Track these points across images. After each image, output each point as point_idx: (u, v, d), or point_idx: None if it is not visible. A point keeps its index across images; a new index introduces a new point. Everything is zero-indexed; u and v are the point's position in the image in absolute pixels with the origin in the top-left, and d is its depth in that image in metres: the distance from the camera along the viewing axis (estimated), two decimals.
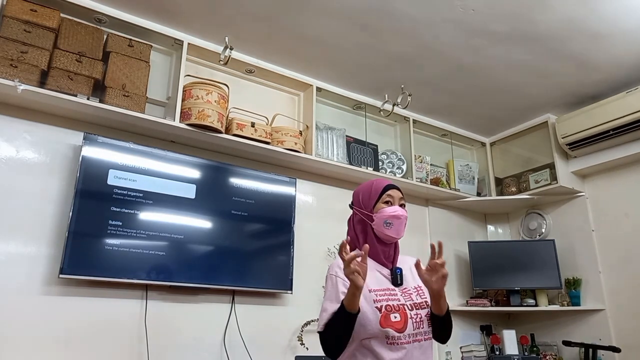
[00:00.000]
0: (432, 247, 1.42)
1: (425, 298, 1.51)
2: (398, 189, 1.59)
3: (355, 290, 1.30)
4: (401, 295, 1.48)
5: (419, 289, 1.53)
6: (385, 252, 1.55)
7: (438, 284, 1.41)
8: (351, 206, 1.64)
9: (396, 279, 1.51)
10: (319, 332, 1.44)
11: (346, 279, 1.35)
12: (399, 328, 1.41)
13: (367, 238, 1.56)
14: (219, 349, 2.42)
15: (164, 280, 2.27)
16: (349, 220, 1.66)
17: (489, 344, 3.36)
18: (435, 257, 1.41)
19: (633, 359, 2.93)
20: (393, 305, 1.44)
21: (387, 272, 1.52)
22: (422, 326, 1.46)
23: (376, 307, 1.42)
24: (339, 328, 1.37)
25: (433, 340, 1.51)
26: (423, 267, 1.52)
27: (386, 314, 1.41)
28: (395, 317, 1.41)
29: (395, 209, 1.53)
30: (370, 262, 1.52)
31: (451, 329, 1.53)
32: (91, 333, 2.12)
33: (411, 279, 1.55)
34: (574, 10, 2.38)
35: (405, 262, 1.59)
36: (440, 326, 1.49)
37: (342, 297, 1.39)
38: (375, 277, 1.50)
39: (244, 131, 2.56)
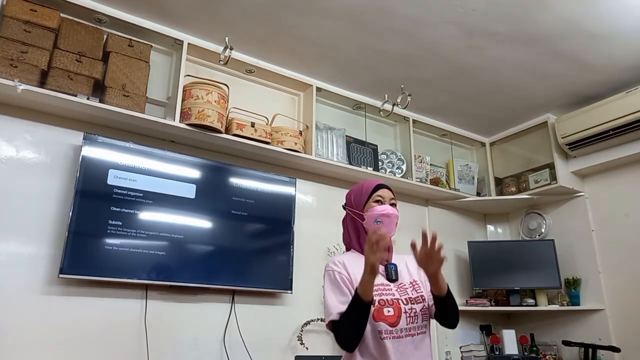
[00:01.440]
0: (424, 234, 1.39)
1: (421, 292, 1.52)
2: (389, 188, 1.62)
3: (370, 277, 1.33)
4: (396, 290, 1.49)
5: (414, 283, 1.54)
6: None
7: (433, 267, 1.40)
8: (344, 207, 1.67)
9: (390, 274, 1.52)
10: (332, 321, 1.42)
11: (344, 273, 1.46)
12: (392, 322, 1.42)
13: (360, 237, 1.58)
14: (219, 349, 2.42)
15: (164, 280, 2.27)
16: (343, 222, 1.68)
17: (488, 343, 3.36)
18: (428, 244, 1.38)
19: (633, 359, 2.93)
20: (387, 299, 1.45)
21: (381, 268, 1.52)
22: (416, 321, 1.47)
23: None
24: (356, 318, 1.37)
25: (429, 335, 1.51)
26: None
27: (379, 307, 1.43)
28: (389, 311, 1.43)
29: (385, 208, 1.55)
30: (364, 260, 1.54)
31: (457, 311, 1.51)
32: (91, 333, 2.12)
33: (407, 274, 1.56)
34: (573, 11, 2.39)
35: (401, 259, 1.61)
36: (444, 307, 1.47)
37: (345, 290, 1.44)
38: None
39: (244, 131, 2.56)
